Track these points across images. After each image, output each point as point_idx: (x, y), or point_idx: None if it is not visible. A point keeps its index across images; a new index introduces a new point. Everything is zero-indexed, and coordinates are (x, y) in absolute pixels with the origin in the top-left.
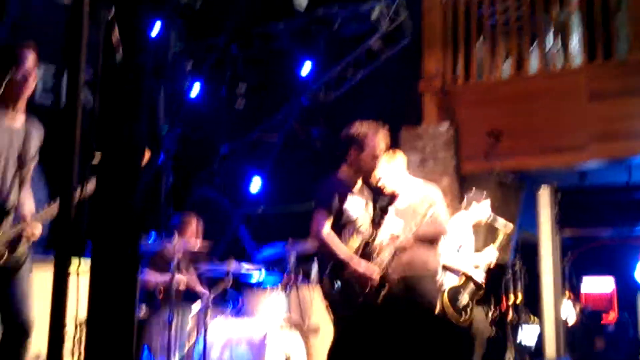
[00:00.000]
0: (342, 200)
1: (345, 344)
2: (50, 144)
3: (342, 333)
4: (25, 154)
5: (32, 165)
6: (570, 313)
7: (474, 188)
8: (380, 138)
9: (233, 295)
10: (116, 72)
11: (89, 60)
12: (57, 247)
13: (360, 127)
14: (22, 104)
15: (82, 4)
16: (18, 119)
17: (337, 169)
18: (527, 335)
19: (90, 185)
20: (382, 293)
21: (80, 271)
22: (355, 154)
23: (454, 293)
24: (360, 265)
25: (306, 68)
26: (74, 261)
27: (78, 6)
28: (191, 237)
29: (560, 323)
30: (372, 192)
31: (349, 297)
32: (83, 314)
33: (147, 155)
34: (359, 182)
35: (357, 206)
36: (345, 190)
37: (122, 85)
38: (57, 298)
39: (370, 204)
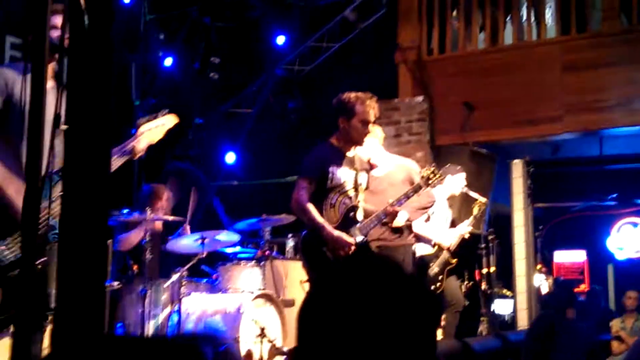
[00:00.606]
0: (330, 164)
1: (315, 302)
2: None
3: (312, 293)
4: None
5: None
6: (542, 285)
7: (449, 163)
8: (369, 105)
9: (207, 270)
10: (84, 40)
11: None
12: (24, 224)
13: (349, 95)
14: (49, 67)
15: None
16: (48, 82)
17: (327, 139)
18: (500, 306)
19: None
20: (358, 259)
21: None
22: (345, 121)
23: (426, 262)
24: (334, 233)
25: (281, 39)
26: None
27: None
28: (161, 209)
29: (532, 295)
30: (363, 163)
31: (326, 262)
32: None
33: (176, 120)
34: (351, 151)
35: (345, 173)
36: (333, 155)
37: (90, 54)
38: (24, 274)
39: (362, 174)
